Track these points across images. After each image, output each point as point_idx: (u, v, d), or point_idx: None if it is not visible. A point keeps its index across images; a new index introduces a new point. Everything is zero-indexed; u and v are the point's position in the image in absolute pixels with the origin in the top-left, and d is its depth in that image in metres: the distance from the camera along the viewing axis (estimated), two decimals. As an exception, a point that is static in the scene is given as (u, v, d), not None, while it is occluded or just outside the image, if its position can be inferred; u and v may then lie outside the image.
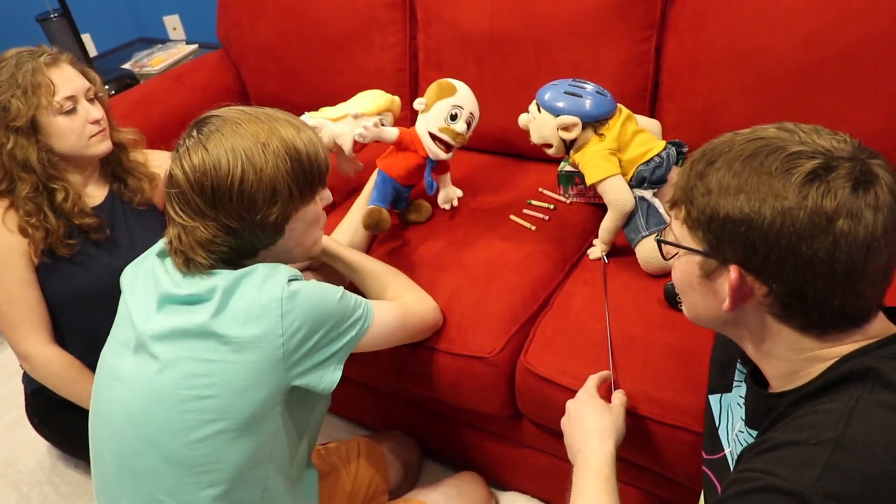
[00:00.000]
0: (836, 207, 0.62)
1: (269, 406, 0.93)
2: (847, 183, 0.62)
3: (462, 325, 1.22)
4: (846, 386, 0.65)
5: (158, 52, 2.58)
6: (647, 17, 1.45)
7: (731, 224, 0.66)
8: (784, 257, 0.64)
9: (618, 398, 1.01)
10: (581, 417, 0.96)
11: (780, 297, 0.66)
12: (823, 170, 0.63)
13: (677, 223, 0.74)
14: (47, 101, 1.24)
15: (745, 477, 0.63)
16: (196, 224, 0.92)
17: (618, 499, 0.86)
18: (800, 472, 0.59)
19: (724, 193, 0.66)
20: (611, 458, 0.90)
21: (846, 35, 1.25)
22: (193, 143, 0.92)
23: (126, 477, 0.94)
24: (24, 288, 1.31)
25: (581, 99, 1.21)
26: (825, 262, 0.63)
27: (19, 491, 1.63)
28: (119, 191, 1.42)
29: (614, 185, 1.21)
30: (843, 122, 1.28)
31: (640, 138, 1.24)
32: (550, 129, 1.23)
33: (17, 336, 1.34)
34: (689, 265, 0.73)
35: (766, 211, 0.63)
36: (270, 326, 0.89)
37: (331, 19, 1.81)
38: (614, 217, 1.24)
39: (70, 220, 1.31)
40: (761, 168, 0.65)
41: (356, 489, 1.27)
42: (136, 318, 0.95)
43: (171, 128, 1.88)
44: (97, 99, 1.34)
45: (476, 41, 1.61)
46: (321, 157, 0.98)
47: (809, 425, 0.63)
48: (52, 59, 1.27)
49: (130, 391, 0.93)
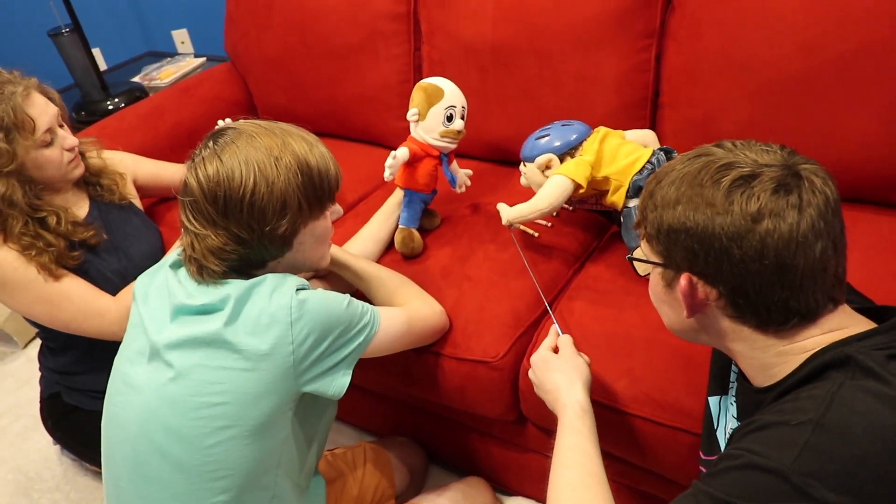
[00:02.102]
0: (759, 209, 0.68)
1: (279, 412, 0.94)
2: (770, 186, 0.68)
3: (466, 330, 1.24)
4: (829, 373, 0.68)
5: (167, 65, 2.62)
6: (647, 26, 1.47)
7: (673, 233, 0.73)
8: (720, 259, 0.70)
9: (563, 341, 1.04)
10: (543, 381, 1.00)
11: (729, 298, 0.72)
12: (748, 177, 0.69)
13: (642, 241, 0.81)
14: (31, 140, 1.22)
15: (730, 454, 0.66)
16: (207, 232, 0.94)
17: (595, 448, 0.88)
18: (780, 450, 0.61)
19: (666, 206, 0.73)
20: (580, 408, 0.91)
21: (843, 42, 1.26)
22: (209, 153, 0.94)
23: (138, 483, 0.95)
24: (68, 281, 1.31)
25: (549, 138, 1.31)
26: (755, 260, 0.68)
27: (30, 497, 1.65)
28: (97, 194, 1.44)
29: (556, 182, 1.25)
30: (840, 128, 1.30)
31: (625, 149, 1.27)
32: (537, 174, 1.31)
33: (95, 322, 1.32)
34: (655, 278, 0.81)
35: (699, 218, 0.70)
36: (280, 335, 0.91)
37: (336, 31, 1.84)
38: (530, 206, 1.25)
39: (69, 238, 1.31)
40: (695, 181, 0.72)
41: (363, 494, 1.29)
42: (150, 327, 0.97)
43: (181, 139, 1.93)
44: (62, 119, 1.33)
45: (479, 52, 1.63)
46: (332, 174, 1.00)
47: (793, 409, 0.65)
48: (26, 93, 1.23)
49: (144, 398, 0.95)
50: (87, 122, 2.10)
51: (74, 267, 1.32)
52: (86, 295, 1.31)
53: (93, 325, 1.32)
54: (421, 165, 1.37)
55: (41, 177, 1.29)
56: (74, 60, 2.28)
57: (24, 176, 1.25)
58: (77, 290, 1.30)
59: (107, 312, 1.31)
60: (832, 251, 0.70)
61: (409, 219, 1.41)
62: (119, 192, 1.46)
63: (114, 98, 2.32)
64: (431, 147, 1.35)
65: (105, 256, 1.38)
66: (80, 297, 1.30)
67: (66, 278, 1.30)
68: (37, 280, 1.26)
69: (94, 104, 2.31)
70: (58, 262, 1.28)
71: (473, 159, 1.75)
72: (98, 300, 1.32)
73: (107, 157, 1.50)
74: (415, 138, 1.36)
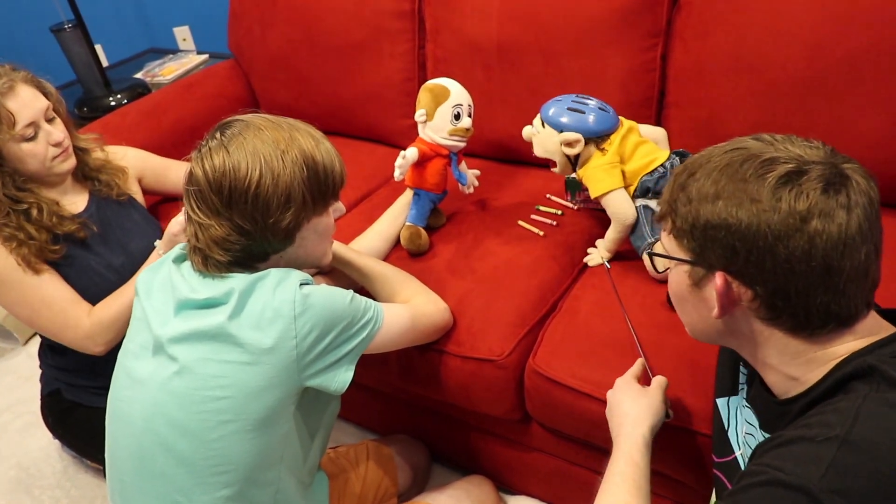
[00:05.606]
0: (808, 208, 0.65)
1: (282, 407, 0.94)
2: (818, 185, 0.65)
3: (471, 328, 1.23)
4: (853, 385, 0.66)
5: (169, 62, 2.61)
6: (654, 25, 1.47)
7: (711, 230, 0.69)
8: (763, 258, 0.67)
9: (656, 382, 0.99)
10: (618, 403, 0.96)
11: (766, 300, 0.69)
12: (795, 174, 0.66)
13: (665, 235, 0.77)
14: (8, 134, 1.22)
15: (753, 471, 0.64)
16: (211, 222, 0.94)
17: (645, 483, 0.86)
18: (806, 467, 0.60)
19: (703, 201, 0.69)
20: (642, 442, 0.90)
21: (851, 42, 1.26)
22: (216, 144, 0.94)
23: (143, 477, 0.95)
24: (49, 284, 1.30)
25: (584, 115, 1.24)
26: (802, 261, 0.65)
27: (31, 494, 1.65)
28: (96, 189, 1.43)
29: (616, 199, 1.23)
30: (848, 129, 1.30)
31: (643, 149, 1.26)
32: (554, 144, 1.25)
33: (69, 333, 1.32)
34: (680, 276, 0.76)
35: (742, 214, 0.67)
36: (284, 329, 0.91)
37: (340, 28, 1.83)
38: (617, 229, 1.26)
39: (52, 231, 1.30)
40: (737, 175, 0.68)
41: (365, 492, 1.28)
42: (154, 322, 0.97)
43: (183, 136, 1.93)
44: (56, 113, 1.32)
45: (484, 50, 1.63)
46: (337, 170, 1.00)
47: (818, 423, 0.64)
48: (8, 86, 1.22)
49: (148, 392, 0.94)
50: (89, 119, 2.10)
51: (57, 260, 1.31)
52: (64, 303, 1.30)
53: (66, 335, 1.32)
54: (430, 165, 1.36)
55: (23, 170, 1.28)
56: (77, 56, 2.27)
57: (6, 168, 1.26)
58: (57, 295, 1.30)
59: (79, 326, 1.31)
60: (874, 255, 0.68)
61: (417, 217, 1.41)
62: (118, 188, 1.46)
63: (116, 94, 2.32)
64: (441, 146, 1.35)
65: (99, 250, 1.38)
66: (59, 305, 1.30)
67: (48, 280, 1.29)
68: (19, 280, 1.26)
69: (97, 100, 2.31)
70: (38, 256, 1.28)
71: (478, 157, 1.74)
72: (73, 310, 1.31)
73: (114, 153, 1.50)
74: (423, 139, 1.36)
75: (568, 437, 1.24)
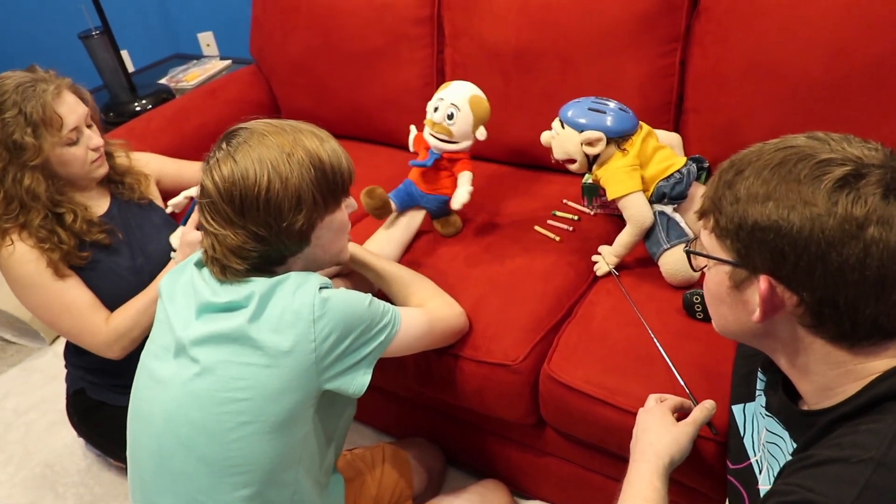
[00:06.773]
0: (866, 214, 0.61)
1: (300, 409, 0.95)
2: (878, 190, 0.61)
3: (487, 332, 1.24)
4: (890, 405, 0.63)
5: (193, 67, 2.65)
6: (672, 30, 1.46)
7: (759, 232, 0.65)
8: (814, 265, 0.63)
9: (691, 418, 0.95)
10: (646, 430, 0.94)
11: (811, 307, 0.65)
12: (853, 177, 0.62)
13: (706, 234, 0.73)
14: (57, 137, 1.26)
15: (783, 490, 0.62)
16: (226, 232, 0.95)
17: (665, 499, 0.85)
18: (839, 489, 0.58)
19: (752, 201, 0.65)
20: (663, 471, 0.88)
21: (873, 47, 1.25)
22: (223, 154, 0.95)
23: (164, 477, 0.97)
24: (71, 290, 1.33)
25: (604, 115, 1.23)
26: (856, 270, 0.62)
27: (55, 491, 1.69)
28: (119, 192, 1.46)
29: (635, 201, 1.23)
30: (870, 134, 1.25)
31: (660, 154, 1.25)
32: (574, 144, 1.25)
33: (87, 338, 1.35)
34: (719, 276, 0.72)
35: (794, 218, 0.63)
36: (303, 332, 0.92)
37: (360, 34, 1.85)
38: (632, 232, 1.25)
39: (81, 237, 1.33)
40: (790, 175, 0.64)
41: (381, 494, 1.29)
42: (176, 324, 0.98)
43: (206, 140, 1.93)
44: (92, 119, 1.36)
45: (502, 55, 1.64)
46: (344, 167, 1.01)
47: (852, 444, 0.61)
48: (57, 92, 1.27)
49: (169, 393, 0.96)
50: (115, 123, 2.13)
51: (82, 266, 1.34)
52: (83, 309, 1.33)
53: (84, 340, 1.36)
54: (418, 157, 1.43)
55: (65, 173, 1.32)
56: (104, 62, 2.31)
57: (49, 171, 1.29)
58: (77, 302, 1.33)
59: (97, 333, 1.34)
60: None
61: (397, 193, 1.44)
62: (140, 191, 1.49)
63: (141, 100, 2.36)
64: (423, 139, 1.40)
65: (120, 253, 1.41)
66: (78, 311, 1.33)
67: (71, 286, 1.32)
68: (44, 284, 1.29)
69: (123, 105, 2.35)
70: (65, 261, 1.31)
71: (494, 162, 1.75)
72: (93, 317, 1.34)
73: (137, 160, 1.53)
74: None
75: (582, 442, 1.24)
